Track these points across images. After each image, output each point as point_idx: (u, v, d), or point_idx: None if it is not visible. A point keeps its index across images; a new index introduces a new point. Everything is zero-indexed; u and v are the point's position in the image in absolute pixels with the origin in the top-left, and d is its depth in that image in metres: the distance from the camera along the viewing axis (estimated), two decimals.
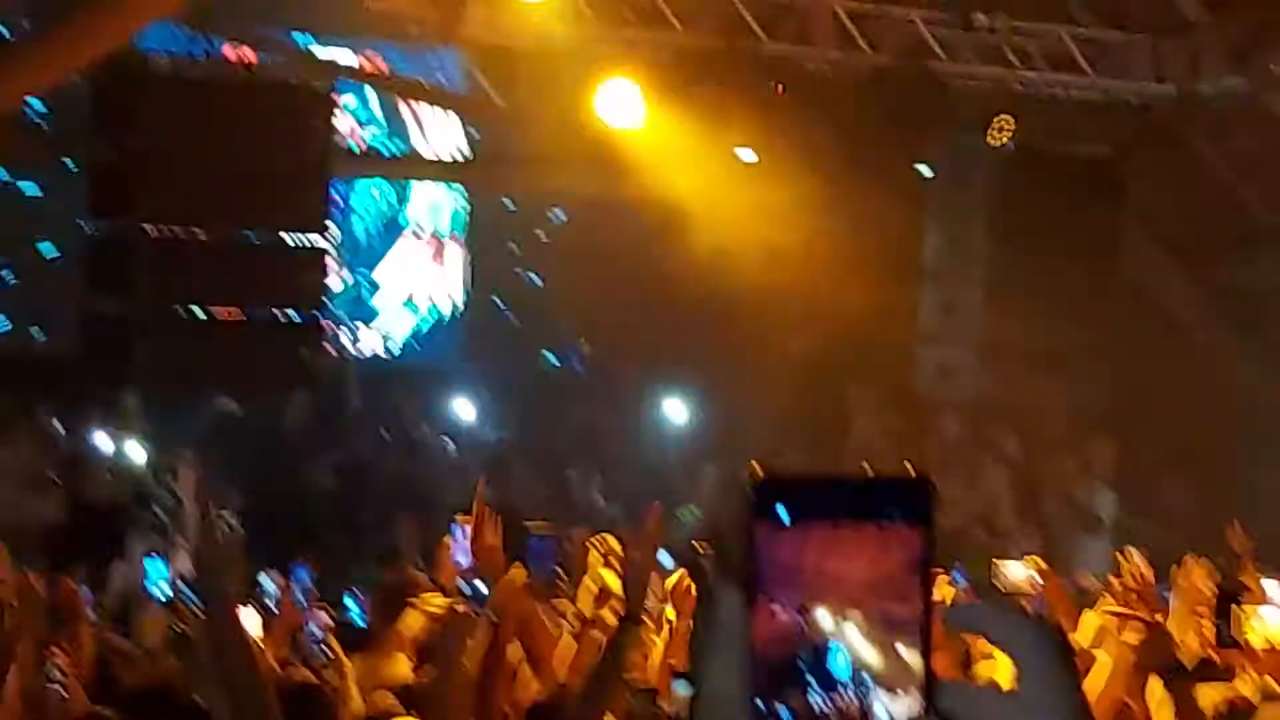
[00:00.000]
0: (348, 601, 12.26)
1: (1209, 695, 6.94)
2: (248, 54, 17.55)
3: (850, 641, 1.39)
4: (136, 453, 15.10)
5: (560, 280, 21.77)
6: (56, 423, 15.69)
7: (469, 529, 11.73)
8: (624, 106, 15.30)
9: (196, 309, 14.55)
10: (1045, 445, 17.01)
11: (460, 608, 7.89)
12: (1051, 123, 17.03)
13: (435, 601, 8.83)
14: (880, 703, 1.39)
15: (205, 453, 15.89)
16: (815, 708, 1.39)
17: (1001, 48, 16.01)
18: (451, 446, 17.87)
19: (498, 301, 21.65)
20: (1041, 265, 16.99)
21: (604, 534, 10.89)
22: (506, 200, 21.05)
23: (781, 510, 1.41)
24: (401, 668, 8.21)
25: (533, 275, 21.92)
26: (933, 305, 17.16)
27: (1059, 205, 17.00)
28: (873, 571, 1.40)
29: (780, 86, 15.89)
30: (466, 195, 21.08)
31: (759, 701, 1.39)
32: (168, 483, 14.23)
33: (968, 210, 16.97)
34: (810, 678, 1.39)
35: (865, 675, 1.39)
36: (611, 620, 7.11)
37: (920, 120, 16.20)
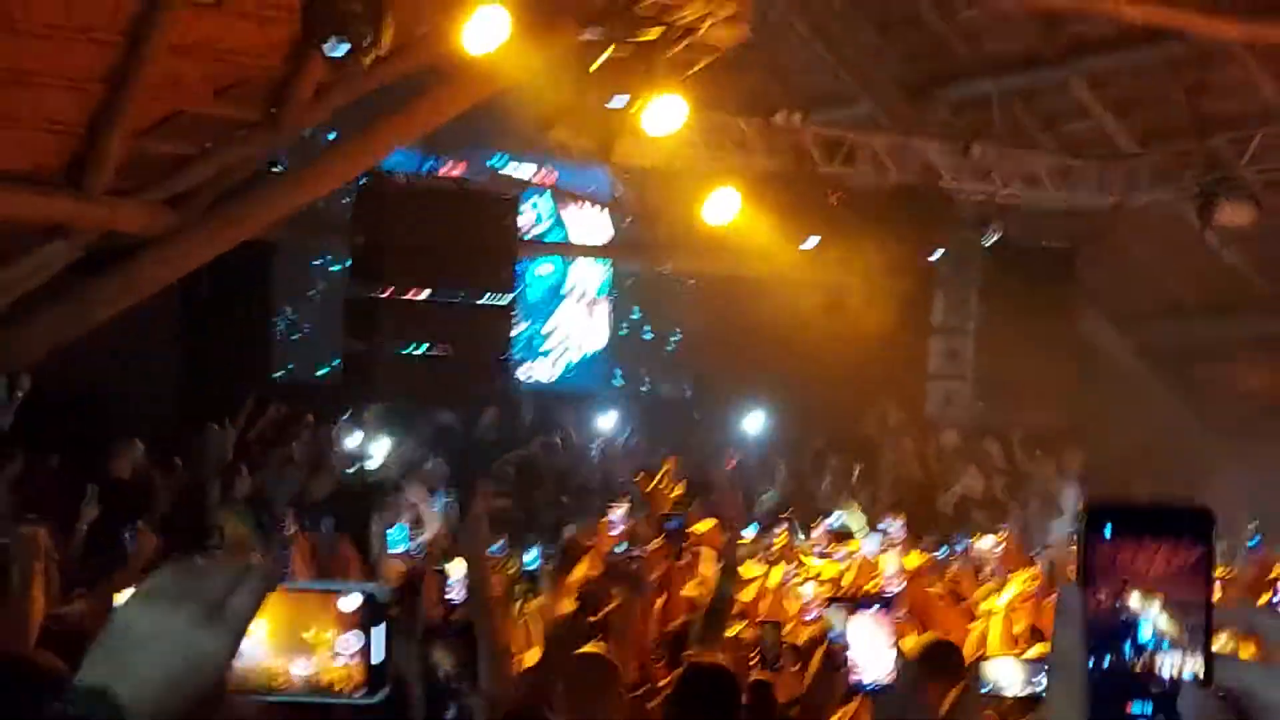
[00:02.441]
0: (529, 556, 12.35)
1: None
2: (458, 169, 17.75)
3: (1153, 618, 1.43)
4: (382, 451, 15.22)
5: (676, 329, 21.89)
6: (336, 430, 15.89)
7: (625, 511, 11.81)
8: (725, 208, 15.33)
9: (420, 348, 14.66)
10: (1023, 452, 16.92)
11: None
12: (1025, 224, 17.02)
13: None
14: (1172, 662, 1.42)
15: (431, 450, 16.18)
16: (1127, 661, 1.43)
17: (990, 170, 15.98)
18: (597, 450, 17.87)
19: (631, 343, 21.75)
20: (1018, 324, 16.97)
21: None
22: (639, 272, 21.07)
23: (1105, 527, 1.44)
24: (568, 607, 8.33)
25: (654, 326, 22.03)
26: (939, 351, 17.13)
27: (1031, 282, 16.97)
28: (1169, 571, 1.42)
29: (834, 196, 15.92)
30: (611, 268, 21.19)
31: (1091, 657, 1.43)
32: (407, 475, 14.41)
33: (965, 285, 16.95)
34: (1124, 641, 1.43)
35: (1163, 642, 1.42)
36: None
37: (931, 221, 16.19)
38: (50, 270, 13.32)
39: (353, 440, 15.57)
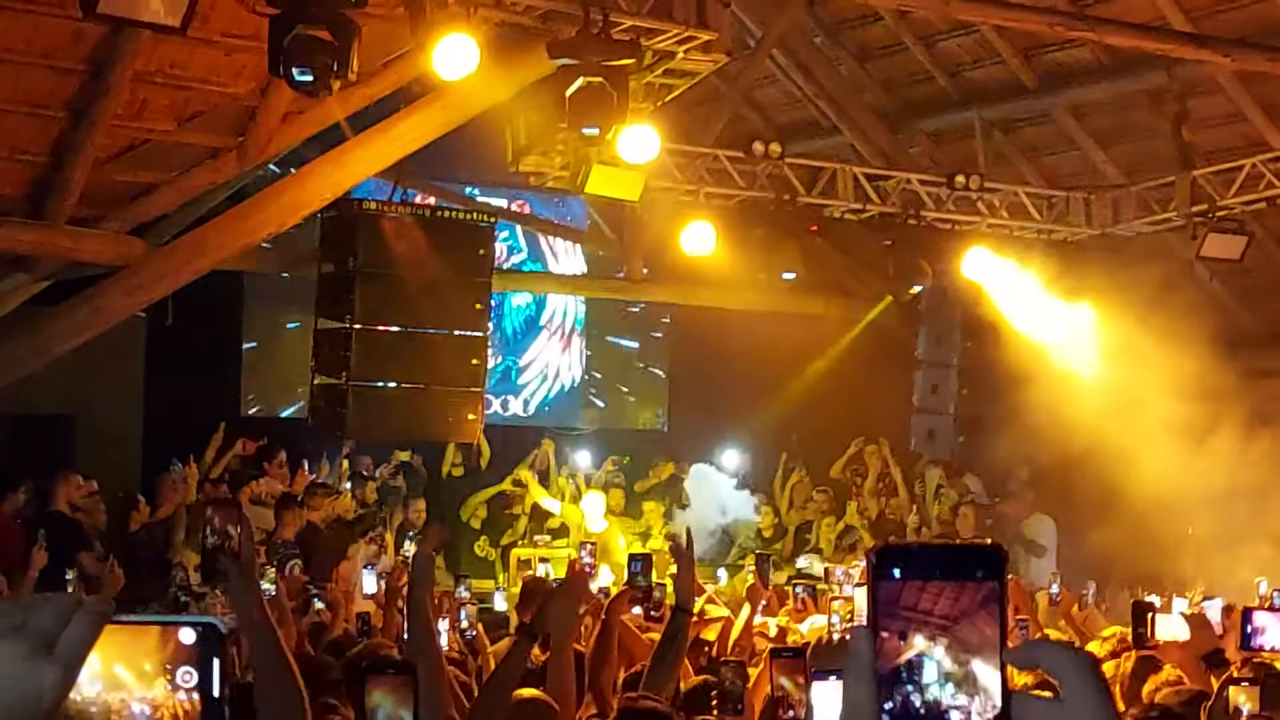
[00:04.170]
0: (497, 596, 12.39)
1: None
2: (430, 200, 17.67)
3: (938, 658, 1.44)
4: (349, 485, 15.20)
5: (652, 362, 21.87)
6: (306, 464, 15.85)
7: (595, 547, 11.74)
8: (701, 240, 15.31)
9: (390, 383, 14.59)
10: (1003, 487, 16.91)
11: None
12: (1008, 255, 17.01)
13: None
14: (963, 702, 1.44)
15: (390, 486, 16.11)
16: (918, 704, 1.44)
17: (975, 201, 16.00)
18: (572, 484, 17.84)
19: (604, 377, 21.71)
20: (999, 356, 16.98)
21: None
22: (614, 305, 21.06)
23: (894, 570, 1.45)
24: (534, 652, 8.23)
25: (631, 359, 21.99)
26: (923, 385, 17.13)
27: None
28: (959, 610, 1.44)
29: (814, 227, 15.91)
30: (585, 302, 21.16)
31: (882, 701, 1.44)
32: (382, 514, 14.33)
33: (947, 317, 16.94)
34: (914, 684, 1.44)
35: (953, 683, 1.44)
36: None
37: (914, 251, 16.17)
38: (12, 301, 13.28)
39: (322, 477, 15.56)
